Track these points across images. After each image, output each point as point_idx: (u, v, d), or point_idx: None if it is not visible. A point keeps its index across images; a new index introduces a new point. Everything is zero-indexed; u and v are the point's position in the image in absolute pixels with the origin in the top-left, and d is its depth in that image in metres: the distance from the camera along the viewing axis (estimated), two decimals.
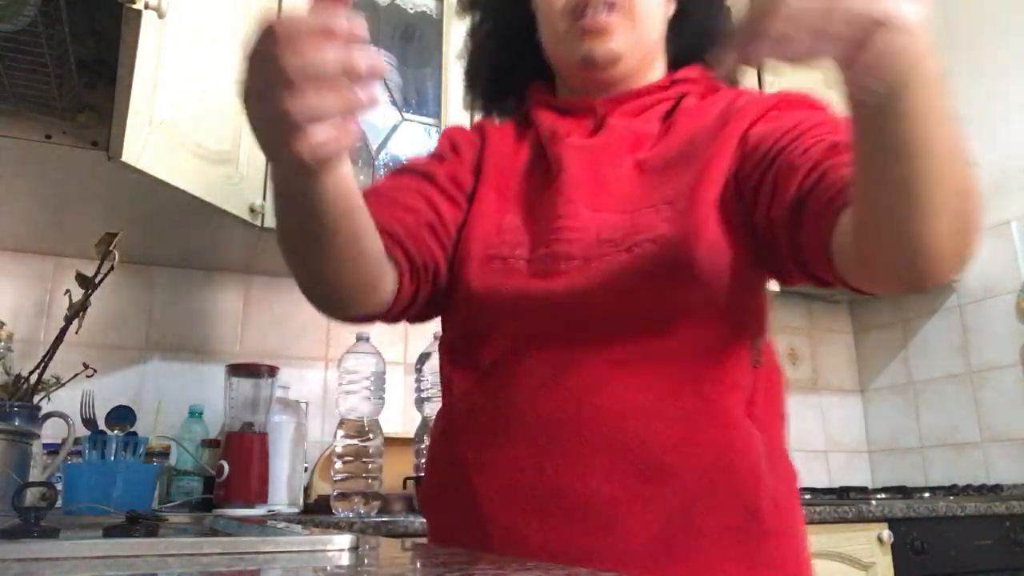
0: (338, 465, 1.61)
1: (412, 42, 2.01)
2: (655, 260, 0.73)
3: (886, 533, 1.79)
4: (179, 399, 1.92)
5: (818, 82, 0.66)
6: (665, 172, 0.80)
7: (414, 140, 1.96)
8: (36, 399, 1.48)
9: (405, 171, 0.90)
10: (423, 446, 1.68)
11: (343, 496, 1.58)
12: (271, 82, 0.51)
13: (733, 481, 0.71)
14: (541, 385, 0.75)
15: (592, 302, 0.74)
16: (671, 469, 0.70)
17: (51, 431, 1.47)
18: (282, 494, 1.65)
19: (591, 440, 0.72)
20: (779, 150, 0.73)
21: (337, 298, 0.76)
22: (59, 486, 1.47)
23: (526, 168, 0.89)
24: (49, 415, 1.43)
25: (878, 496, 2.07)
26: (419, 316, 0.86)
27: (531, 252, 0.79)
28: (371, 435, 1.64)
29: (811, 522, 1.68)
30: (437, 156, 0.92)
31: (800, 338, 2.84)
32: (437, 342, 1.73)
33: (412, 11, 1.95)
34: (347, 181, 0.64)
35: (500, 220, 0.84)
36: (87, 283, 1.49)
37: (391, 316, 0.82)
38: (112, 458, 1.52)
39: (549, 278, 0.76)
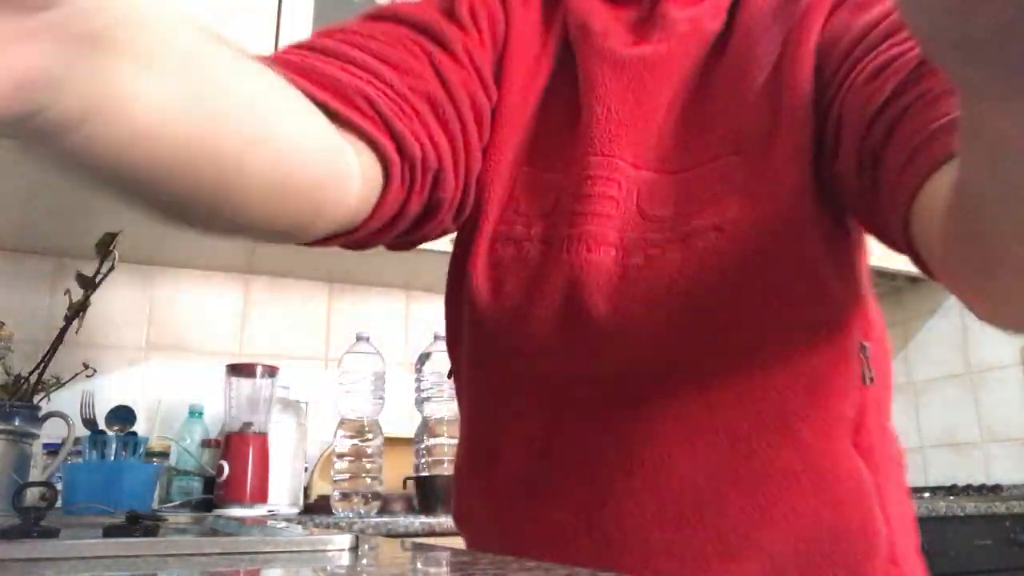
0: (338, 465, 1.61)
1: None
2: (726, 261, 0.52)
3: None
4: (179, 399, 1.92)
5: None
6: (732, 99, 0.56)
7: None
8: (36, 399, 1.48)
9: (392, 17, 0.56)
10: (423, 446, 1.68)
11: (343, 496, 1.58)
12: None
13: (840, 549, 0.54)
14: (579, 437, 0.57)
15: (634, 326, 0.54)
16: (758, 544, 0.53)
17: (51, 431, 1.47)
18: (282, 494, 1.65)
19: (651, 512, 0.54)
20: (851, 64, 0.50)
21: (265, 236, 0.46)
22: (59, 486, 1.47)
23: (548, 81, 0.62)
24: (49, 415, 1.43)
25: None
26: (402, 242, 0.57)
27: (549, 229, 0.57)
28: (371, 435, 1.64)
29: None
30: (447, 12, 0.59)
31: None
32: (438, 342, 1.75)
33: None
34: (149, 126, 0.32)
35: (515, 171, 0.60)
36: (87, 283, 1.49)
37: (362, 236, 0.51)
38: (112, 458, 1.52)
39: (574, 282, 0.55)
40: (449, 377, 0.70)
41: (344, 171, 0.45)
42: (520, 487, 0.60)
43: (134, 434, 1.59)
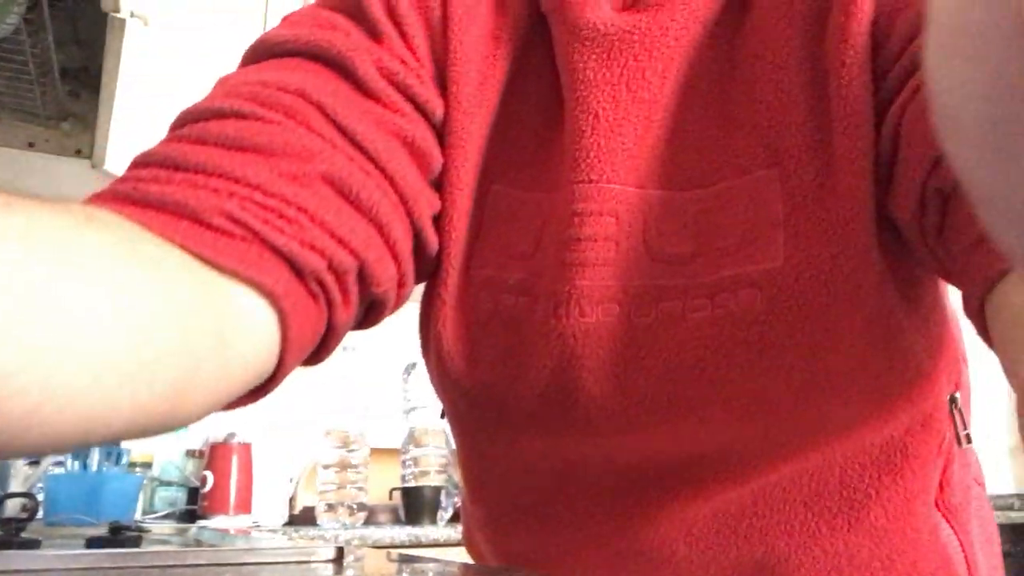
0: (323, 476, 1.60)
1: None
2: (767, 329, 0.39)
3: None
4: None
5: None
6: (760, 88, 0.42)
7: None
8: None
9: (276, 50, 0.43)
10: (409, 456, 1.68)
11: (328, 507, 1.58)
12: None
13: None
14: (587, 531, 0.47)
15: (645, 410, 0.42)
16: None
17: None
18: (267, 505, 1.64)
19: None
20: (910, 74, 0.36)
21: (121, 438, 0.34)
22: (40, 497, 1.45)
23: (513, 64, 0.47)
24: None
25: None
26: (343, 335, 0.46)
27: (532, 276, 0.44)
28: (356, 446, 1.63)
29: None
30: (354, 15, 0.44)
31: None
32: None
33: None
34: None
35: (481, 192, 0.47)
36: None
37: (289, 370, 0.43)
38: (95, 469, 1.51)
39: (565, 356, 0.43)
40: (442, 417, 0.57)
41: (215, 340, 0.33)
42: (531, 567, 0.51)
43: (117, 444, 1.58)
